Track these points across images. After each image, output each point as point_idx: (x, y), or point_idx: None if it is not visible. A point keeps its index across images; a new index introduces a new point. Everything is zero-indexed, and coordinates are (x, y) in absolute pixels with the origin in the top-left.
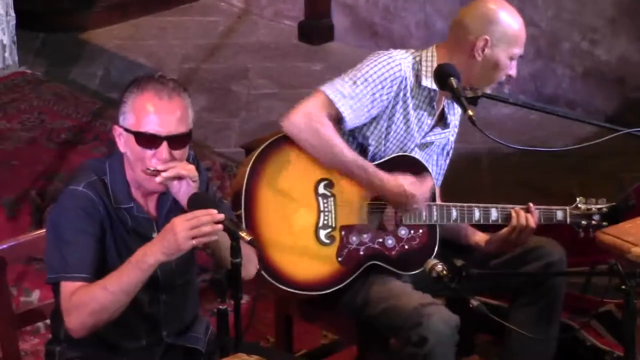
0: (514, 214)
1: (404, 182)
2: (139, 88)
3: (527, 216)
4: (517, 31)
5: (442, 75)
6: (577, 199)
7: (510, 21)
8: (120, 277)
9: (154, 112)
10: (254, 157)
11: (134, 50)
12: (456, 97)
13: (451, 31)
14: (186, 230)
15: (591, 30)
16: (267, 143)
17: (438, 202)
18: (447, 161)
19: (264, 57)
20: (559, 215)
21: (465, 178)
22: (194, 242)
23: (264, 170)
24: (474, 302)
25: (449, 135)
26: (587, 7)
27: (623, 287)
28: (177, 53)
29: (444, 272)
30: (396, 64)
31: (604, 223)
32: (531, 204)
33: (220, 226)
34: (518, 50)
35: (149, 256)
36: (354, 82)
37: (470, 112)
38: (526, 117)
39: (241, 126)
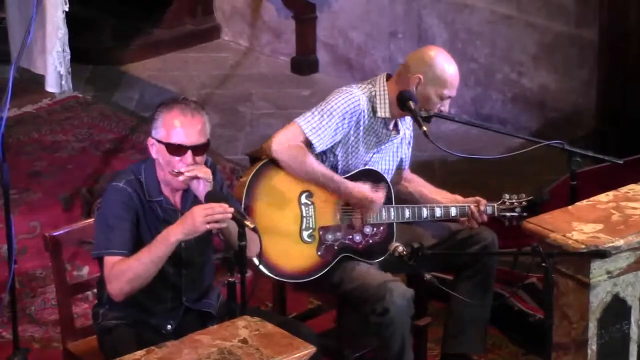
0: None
1: (364, 188)
2: (167, 107)
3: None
4: (448, 76)
5: (403, 99)
6: (503, 195)
7: (444, 67)
8: (149, 251)
9: (180, 127)
10: (252, 174)
11: (162, 79)
12: (414, 117)
13: (400, 68)
14: (202, 217)
15: (518, 64)
16: (261, 163)
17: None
18: (410, 149)
19: (264, 85)
20: (489, 210)
21: None
22: (207, 226)
23: (259, 185)
24: (427, 276)
25: (401, 137)
26: (515, 46)
27: (543, 264)
28: (196, 81)
29: (404, 252)
30: (356, 99)
31: (524, 214)
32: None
33: (229, 216)
34: (447, 92)
35: (172, 235)
36: (322, 116)
37: (424, 128)
38: (468, 131)
39: (246, 138)
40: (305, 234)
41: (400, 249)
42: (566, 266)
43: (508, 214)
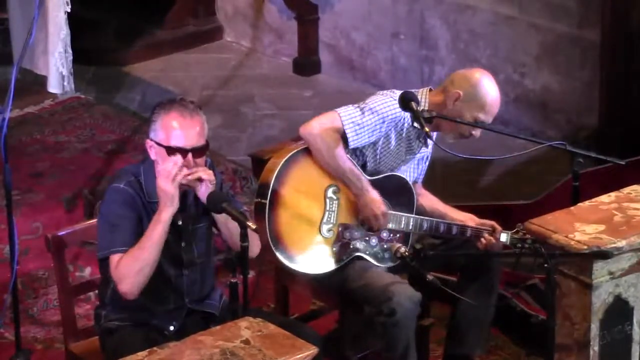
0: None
1: (381, 207)
2: (165, 109)
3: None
4: (488, 101)
5: (404, 99)
6: (518, 225)
7: (486, 91)
8: (148, 235)
9: (179, 128)
10: (285, 158)
11: (164, 80)
12: (416, 117)
13: (445, 80)
14: (168, 182)
15: (520, 65)
16: (296, 149)
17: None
18: (427, 164)
19: (266, 86)
20: (503, 237)
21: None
22: (175, 183)
23: (290, 171)
24: (430, 277)
25: (428, 149)
26: (517, 47)
27: (545, 265)
28: (199, 82)
29: (406, 253)
30: (398, 106)
31: (536, 245)
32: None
33: (195, 176)
34: (483, 117)
35: (162, 215)
36: (363, 113)
37: (426, 129)
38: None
39: (248, 139)
40: (325, 227)
41: (403, 249)
42: (568, 267)
43: (519, 244)
